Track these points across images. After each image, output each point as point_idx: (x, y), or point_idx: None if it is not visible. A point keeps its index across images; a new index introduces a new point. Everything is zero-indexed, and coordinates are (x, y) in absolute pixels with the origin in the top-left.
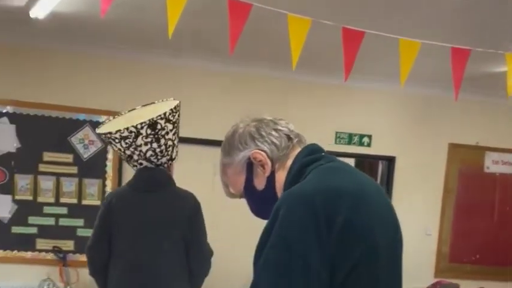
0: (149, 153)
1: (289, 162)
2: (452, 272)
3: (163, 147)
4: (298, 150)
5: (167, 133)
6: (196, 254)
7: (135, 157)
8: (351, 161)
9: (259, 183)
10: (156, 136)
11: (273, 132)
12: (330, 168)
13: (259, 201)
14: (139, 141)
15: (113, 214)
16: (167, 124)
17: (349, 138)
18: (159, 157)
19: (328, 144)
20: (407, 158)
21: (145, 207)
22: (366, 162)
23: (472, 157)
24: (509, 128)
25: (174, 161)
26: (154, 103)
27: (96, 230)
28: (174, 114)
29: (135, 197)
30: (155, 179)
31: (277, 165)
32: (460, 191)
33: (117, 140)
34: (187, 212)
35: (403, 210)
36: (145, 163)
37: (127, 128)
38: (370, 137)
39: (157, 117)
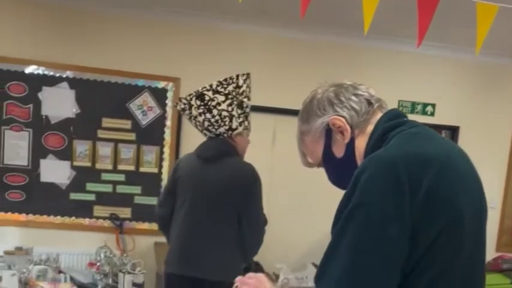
0: (206, 123)
1: (370, 128)
2: None
3: (217, 117)
4: (379, 115)
5: (219, 104)
6: (248, 226)
7: (198, 127)
8: None
9: (338, 151)
10: (207, 107)
11: (353, 97)
12: (413, 133)
13: (339, 169)
14: (194, 112)
15: (178, 176)
16: (216, 95)
17: (412, 107)
18: (215, 127)
19: None
20: (471, 128)
21: (203, 176)
22: None
23: None
24: None
25: (236, 132)
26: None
27: (165, 188)
28: (224, 86)
29: (197, 164)
30: (213, 148)
31: (357, 132)
32: None
33: (183, 112)
34: (242, 184)
35: None
36: (207, 133)
37: (180, 99)
38: (433, 106)
39: (202, 89)
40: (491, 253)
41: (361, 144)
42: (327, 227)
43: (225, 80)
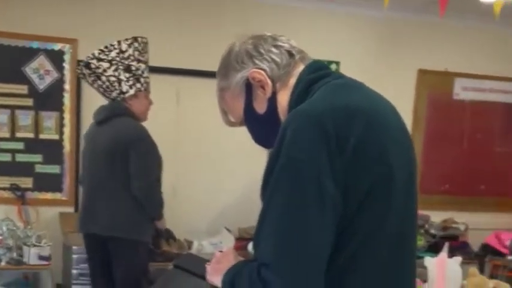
0: (100, 89)
1: (292, 80)
2: (422, 203)
3: (107, 83)
4: (301, 67)
5: (105, 71)
6: (137, 183)
7: (99, 93)
8: None
9: (260, 107)
10: (96, 74)
11: (273, 49)
12: (339, 84)
13: (261, 126)
14: (88, 79)
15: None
16: (101, 63)
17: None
18: (108, 92)
19: None
20: (375, 85)
21: (95, 138)
22: None
23: (441, 84)
24: (479, 53)
25: (128, 95)
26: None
27: None
28: (106, 53)
29: (93, 128)
30: (105, 111)
31: (279, 85)
32: (429, 118)
33: (84, 79)
34: (127, 142)
35: None
36: (105, 98)
37: (77, 68)
38: (338, 63)
39: (87, 58)
40: None
41: (283, 98)
42: (235, 187)
43: (106, 47)
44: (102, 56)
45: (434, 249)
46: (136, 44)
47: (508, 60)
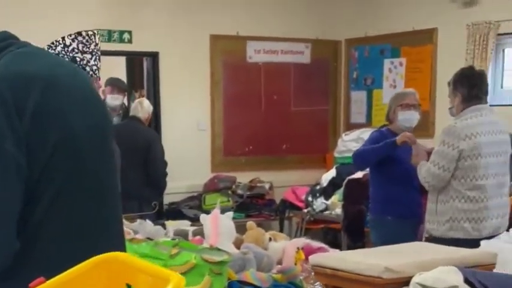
0: None
1: None
2: (228, 166)
3: None
4: None
5: None
6: None
7: None
8: (117, 59)
9: None
10: None
11: None
12: (21, 53)
13: None
14: None
15: None
16: None
17: (109, 35)
18: None
19: None
20: (171, 52)
21: None
22: (133, 60)
23: (235, 47)
24: (269, 15)
25: None
26: None
27: None
28: (53, 48)
29: None
30: None
31: None
32: (226, 82)
33: None
34: None
35: (173, 106)
36: None
37: None
38: (130, 32)
39: None
40: (207, 174)
41: None
42: None
43: (52, 43)
44: (51, 50)
45: (242, 208)
46: (80, 38)
47: (296, 21)
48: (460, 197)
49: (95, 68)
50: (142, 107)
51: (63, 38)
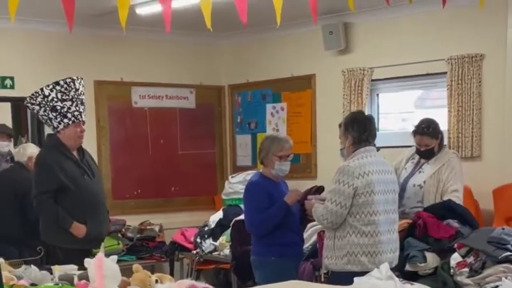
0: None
1: None
2: (118, 209)
3: (43, 120)
4: None
5: (38, 112)
6: None
7: None
8: (3, 106)
9: None
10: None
11: None
12: None
13: None
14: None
15: None
16: (34, 106)
17: None
18: (48, 126)
19: None
20: None
21: None
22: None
23: (120, 93)
24: (153, 62)
25: (59, 129)
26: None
27: None
28: (34, 99)
29: None
30: None
31: None
32: (112, 127)
33: None
34: None
35: None
36: None
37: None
38: (12, 78)
39: (25, 101)
40: None
41: None
42: None
43: (33, 94)
44: (32, 101)
45: (133, 251)
46: (58, 87)
47: (180, 67)
48: (356, 232)
49: (76, 113)
50: (24, 151)
51: (41, 89)
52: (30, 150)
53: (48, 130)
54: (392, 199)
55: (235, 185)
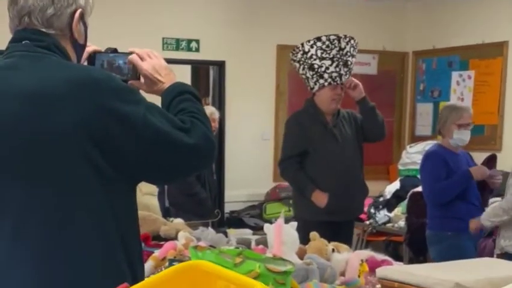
0: None
1: None
2: None
3: (303, 79)
4: None
5: (298, 70)
6: None
7: None
8: (183, 68)
9: None
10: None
11: None
12: None
13: None
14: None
15: None
16: (294, 64)
17: (177, 44)
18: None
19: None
20: (237, 61)
21: None
22: (198, 68)
23: None
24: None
25: (314, 90)
26: None
27: None
28: (295, 54)
29: None
30: None
31: None
32: (291, 93)
33: None
34: None
35: (238, 116)
36: None
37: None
38: (198, 41)
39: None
40: (269, 184)
41: None
42: None
43: (294, 49)
44: (293, 57)
45: None
46: (319, 43)
47: (363, 32)
48: None
49: (335, 74)
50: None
51: (302, 45)
52: (209, 111)
53: (229, 94)
54: None
55: (414, 155)
